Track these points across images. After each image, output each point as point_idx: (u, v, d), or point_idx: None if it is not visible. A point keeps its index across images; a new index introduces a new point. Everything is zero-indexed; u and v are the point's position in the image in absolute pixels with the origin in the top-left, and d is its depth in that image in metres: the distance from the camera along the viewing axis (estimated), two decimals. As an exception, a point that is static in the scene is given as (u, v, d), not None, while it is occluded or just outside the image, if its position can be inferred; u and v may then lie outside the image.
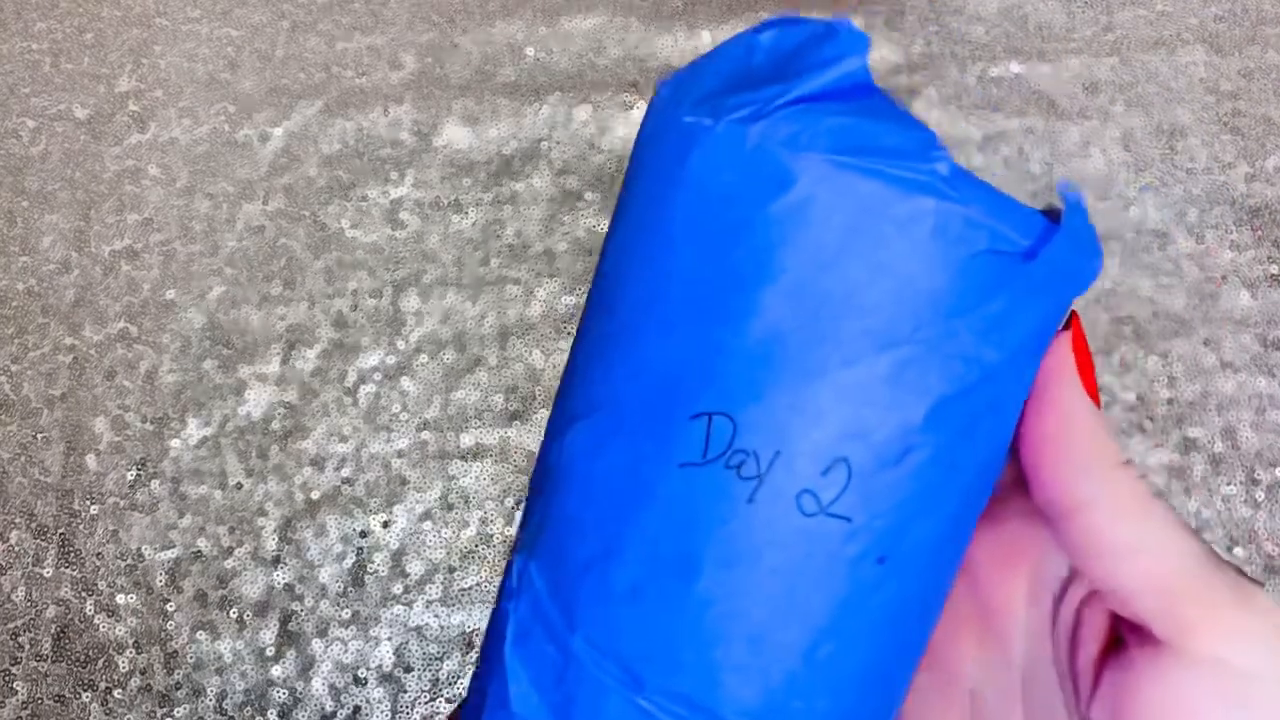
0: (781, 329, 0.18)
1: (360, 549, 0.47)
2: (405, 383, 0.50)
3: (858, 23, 0.57)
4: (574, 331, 0.50)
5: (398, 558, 0.46)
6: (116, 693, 0.45)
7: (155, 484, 0.48)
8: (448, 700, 0.45)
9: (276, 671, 0.45)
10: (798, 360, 0.18)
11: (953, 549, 0.20)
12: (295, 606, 0.46)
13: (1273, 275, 0.51)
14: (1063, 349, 0.19)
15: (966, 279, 0.18)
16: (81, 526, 0.47)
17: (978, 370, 0.18)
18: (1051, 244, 0.18)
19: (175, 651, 0.45)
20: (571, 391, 0.21)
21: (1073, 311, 0.19)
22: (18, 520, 0.47)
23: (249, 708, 0.44)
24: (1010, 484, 0.22)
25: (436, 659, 0.45)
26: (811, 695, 0.19)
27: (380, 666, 0.45)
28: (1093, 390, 0.19)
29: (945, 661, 0.22)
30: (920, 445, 0.18)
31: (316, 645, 0.45)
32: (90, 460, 0.49)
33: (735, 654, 0.19)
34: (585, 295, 0.50)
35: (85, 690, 0.45)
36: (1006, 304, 0.18)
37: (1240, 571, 0.17)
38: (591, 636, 0.19)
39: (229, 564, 0.46)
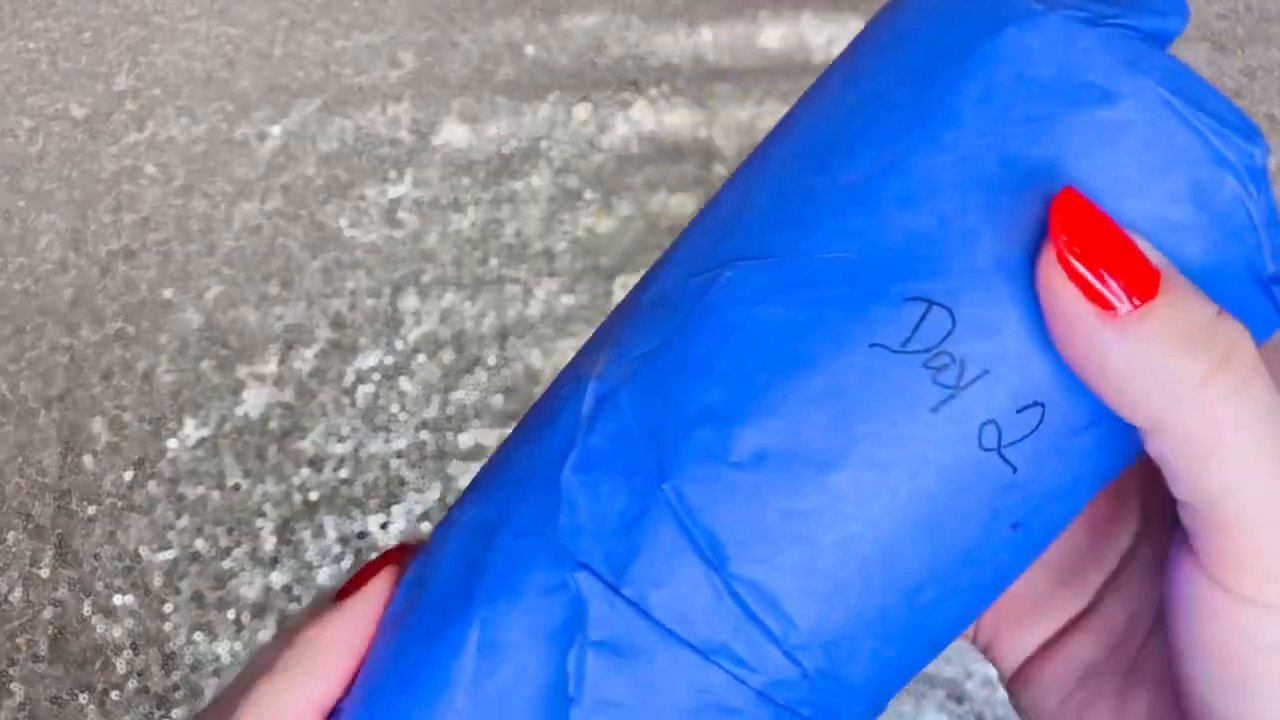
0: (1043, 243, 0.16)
1: (359, 550, 0.47)
2: (403, 383, 0.50)
3: (857, 20, 0.57)
4: (574, 331, 0.50)
5: (396, 559, 0.46)
6: (114, 694, 0.45)
7: (152, 484, 0.48)
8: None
9: (274, 673, 0.45)
10: None
11: (1041, 549, 0.18)
12: (293, 608, 0.46)
13: (1276, 274, 0.51)
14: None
15: (1219, 276, 0.17)
16: (79, 527, 0.47)
17: None
18: None
19: (173, 653, 0.45)
20: (737, 230, 0.18)
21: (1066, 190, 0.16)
22: (14, 521, 0.47)
23: (247, 709, 0.44)
24: None
25: (435, 661, 0.45)
26: (889, 639, 0.17)
27: (378, 668, 0.45)
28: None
29: (1100, 520, 0.21)
30: (1101, 424, 0.17)
31: (315, 647, 0.45)
32: (87, 460, 0.48)
33: (839, 567, 0.16)
34: (589, 293, 0.50)
35: (82, 692, 0.45)
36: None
37: None
38: (685, 493, 0.17)
39: (227, 565, 0.46)
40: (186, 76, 0.57)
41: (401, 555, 0.20)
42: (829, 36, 0.57)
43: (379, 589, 0.19)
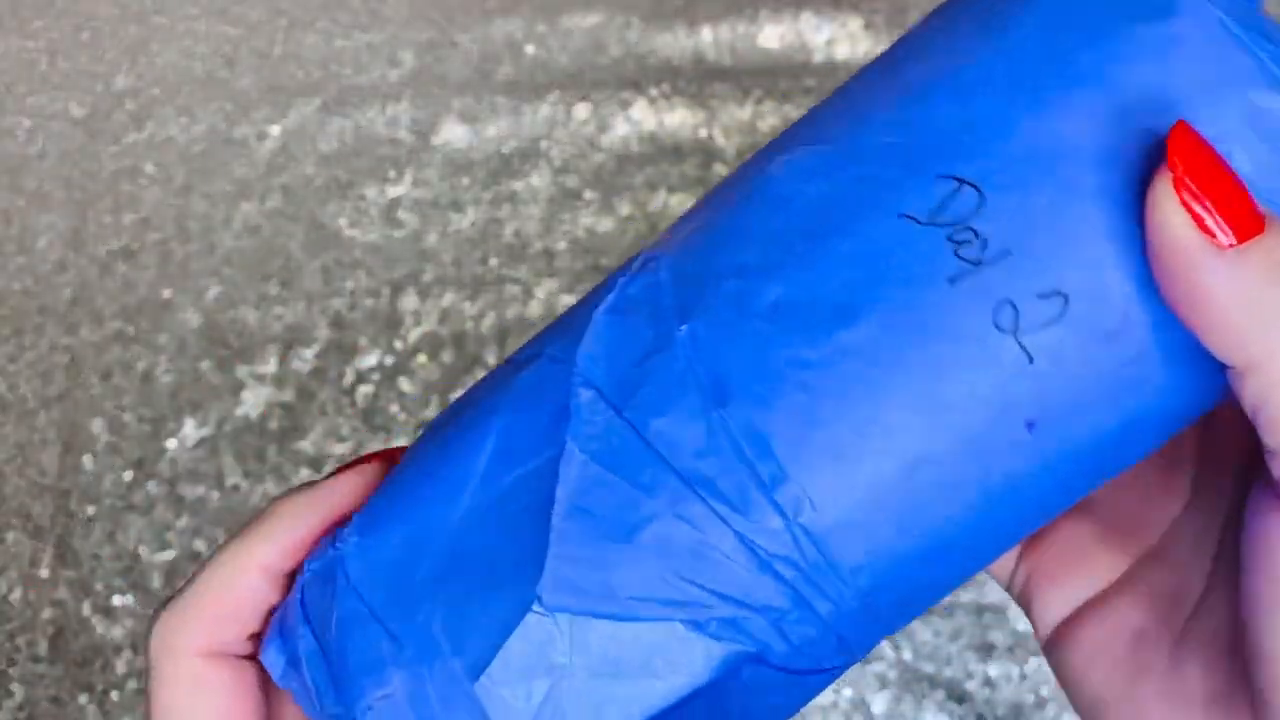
0: (1080, 140, 0.17)
1: (358, 550, 0.47)
2: (403, 383, 0.49)
3: (858, 20, 0.57)
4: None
5: (396, 559, 0.46)
6: (113, 694, 0.44)
7: (152, 485, 0.48)
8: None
9: (274, 673, 0.45)
10: (1081, 176, 0.17)
11: (1064, 477, 0.18)
12: (293, 608, 0.46)
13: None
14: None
15: (1272, 203, 0.16)
16: (78, 527, 0.47)
17: None
18: None
19: (172, 653, 0.45)
20: (805, 124, 0.19)
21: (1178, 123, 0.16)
22: (14, 521, 0.47)
23: (246, 710, 0.44)
24: None
25: (435, 661, 0.45)
26: (881, 510, 0.17)
27: (378, 668, 0.45)
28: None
29: (1149, 489, 0.21)
30: (1133, 333, 0.16)
31: (314, 647, 0.45)
32: (87, 461, 0.48)
33: (835, 419, 0.17)
34: (583, 295, 0.50)
35: (82, 692, 0.45)
36: None
37: None
38: (699, 334, 0.17)
39: (226, 565, 0.46)
40: (186, 76, 0.57)
41: (387, 456, 0.21)
42: (829, 36, 0.57)
43: (351, 479, 0.20)
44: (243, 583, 0.19)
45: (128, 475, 0.48)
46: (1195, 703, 0.18)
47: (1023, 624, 0.44)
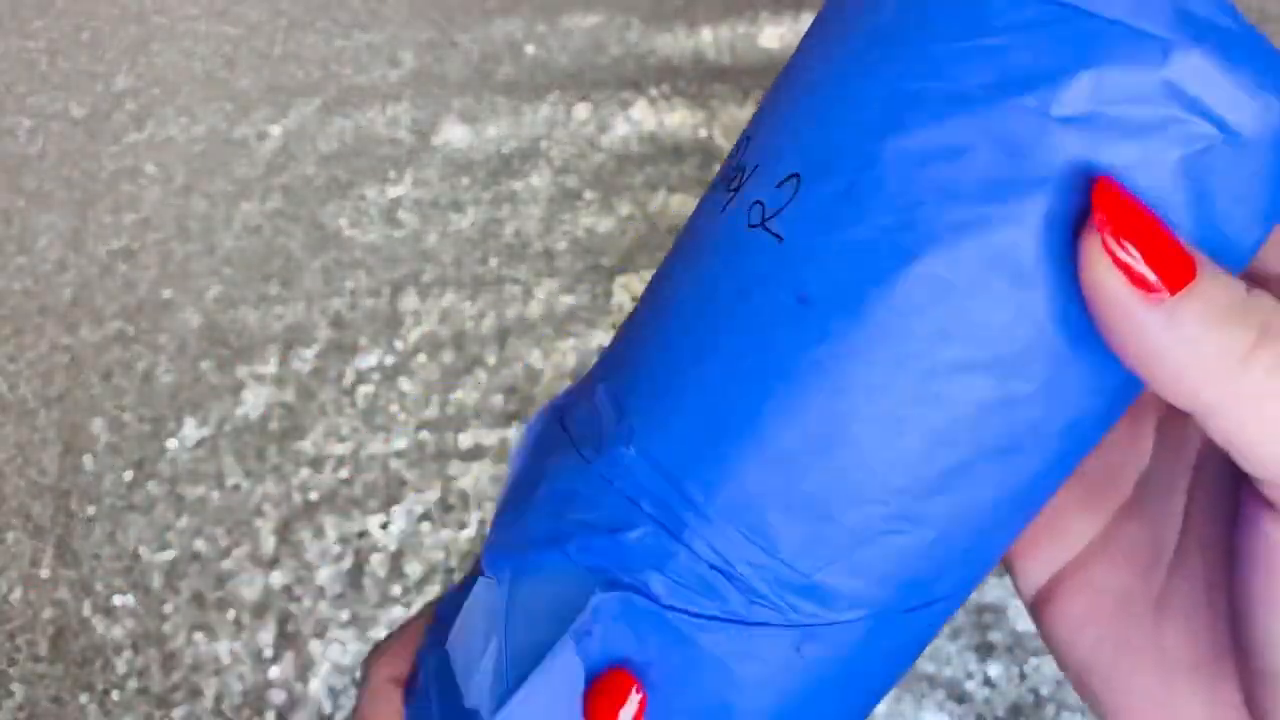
0: (811, 55, 0.18)
1: (358, 550, 0.47)
2: (403, 383, 0.49)
3: (859, 20, 0.57)
4: (574, 331, 0.50)
5: (396, 559, 0.46)
6: (114, 694, 0.45)
7: (152, 485, 0.48)
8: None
9: (274, 673, 0.45)
10: (804, 76, 0.18)
11: (846, 343, 0.17)
12: (293, 608, 0.46)
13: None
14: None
15: None
16: (78, 527, 0.47)
17: None
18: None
19: (173, 653, 0.45)
20: None
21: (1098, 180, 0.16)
22: (14, 521, 0.47)
23: (247, 709, 0.44)
24: None
25: (435, 661, 0.45)
26: (687, 417, 0.18)
27: (378, 668, 0.45)
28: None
29: (1117, 440, 0.21)
30: (877, 183, 0.16)
31: (315, 647, 0.45)
32: (87, 461, 0.48)
33: (650, 358, 0.19)
34: (589, 293, 0.50)
35: (83, 692, 0.45)
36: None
37: None
38: (607, 377, 0.20)
39: (227, 565, 0.46)
40: (186, 76, 0.57)
41: None
42: (829, 36, 0.57)
43: None
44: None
45: (128, 475, 0.48)
46: (1179, 670, 0.19)
47: (1022, 624, 0.44)
